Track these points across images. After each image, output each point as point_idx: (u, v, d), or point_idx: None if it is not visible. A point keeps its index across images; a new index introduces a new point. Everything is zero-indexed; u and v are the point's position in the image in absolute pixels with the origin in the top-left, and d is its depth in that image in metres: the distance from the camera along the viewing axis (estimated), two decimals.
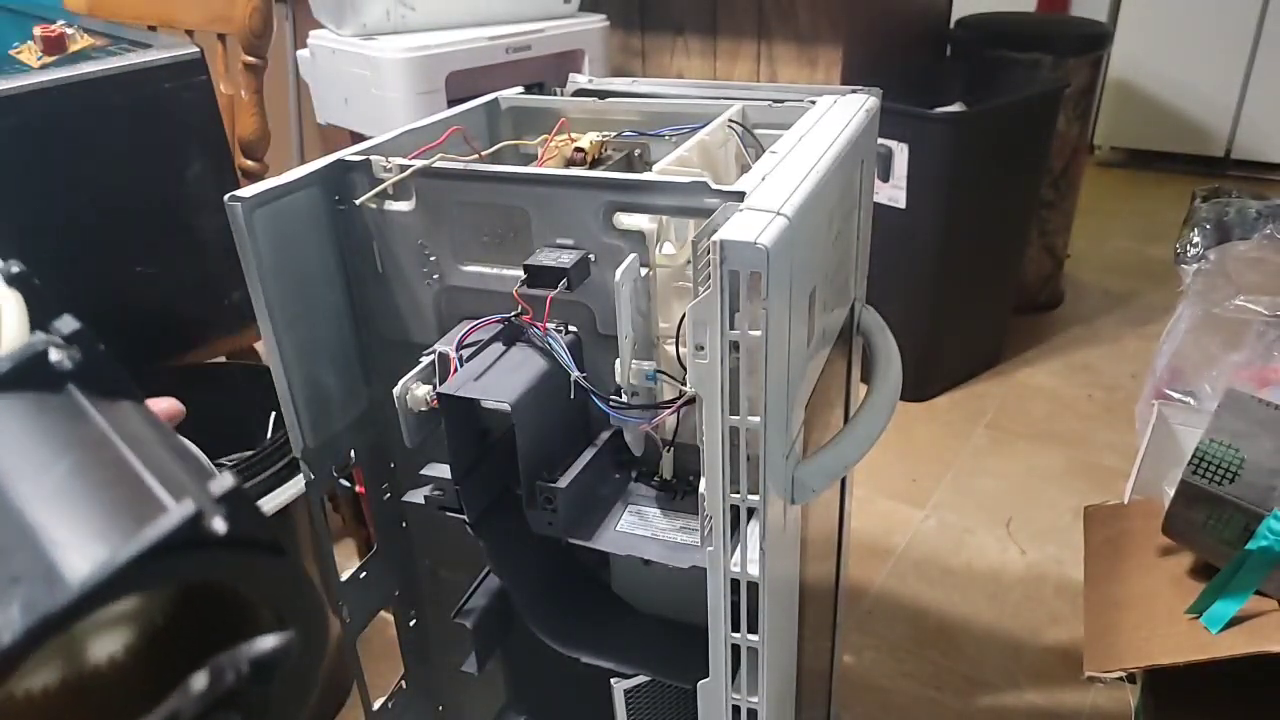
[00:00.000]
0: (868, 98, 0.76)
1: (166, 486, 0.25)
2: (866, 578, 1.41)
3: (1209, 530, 0.89)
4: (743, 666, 0.59)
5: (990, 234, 1.83)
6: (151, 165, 1.15)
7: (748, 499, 0.54)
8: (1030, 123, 1.80)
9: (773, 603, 0.58)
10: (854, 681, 1.24)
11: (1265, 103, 2.85)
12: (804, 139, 0.65)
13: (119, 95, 1.07)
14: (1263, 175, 2.91)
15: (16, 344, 0.31)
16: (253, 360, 1.34)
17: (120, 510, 0.24)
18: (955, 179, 1.68)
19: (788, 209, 0.51)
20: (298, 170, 0.64)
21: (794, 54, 1.71)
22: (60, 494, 0.25)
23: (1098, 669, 0.90)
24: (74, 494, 0.25)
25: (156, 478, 0.25)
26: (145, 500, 0.25)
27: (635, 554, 0.62)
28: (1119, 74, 2.97)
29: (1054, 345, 2.07)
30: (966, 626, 1.32)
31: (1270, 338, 1.15)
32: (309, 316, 0.67)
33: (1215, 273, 1.26)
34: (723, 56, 1.78)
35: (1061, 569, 1.41)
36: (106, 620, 0.26)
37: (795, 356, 0.55)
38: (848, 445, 0.64)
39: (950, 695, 1.22)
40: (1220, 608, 0.85)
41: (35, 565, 0.22)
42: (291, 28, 2.27)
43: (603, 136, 0.75)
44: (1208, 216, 1.39)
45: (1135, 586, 0.97)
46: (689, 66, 1.82)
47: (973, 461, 1.69)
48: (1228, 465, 0.88)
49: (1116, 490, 1.24)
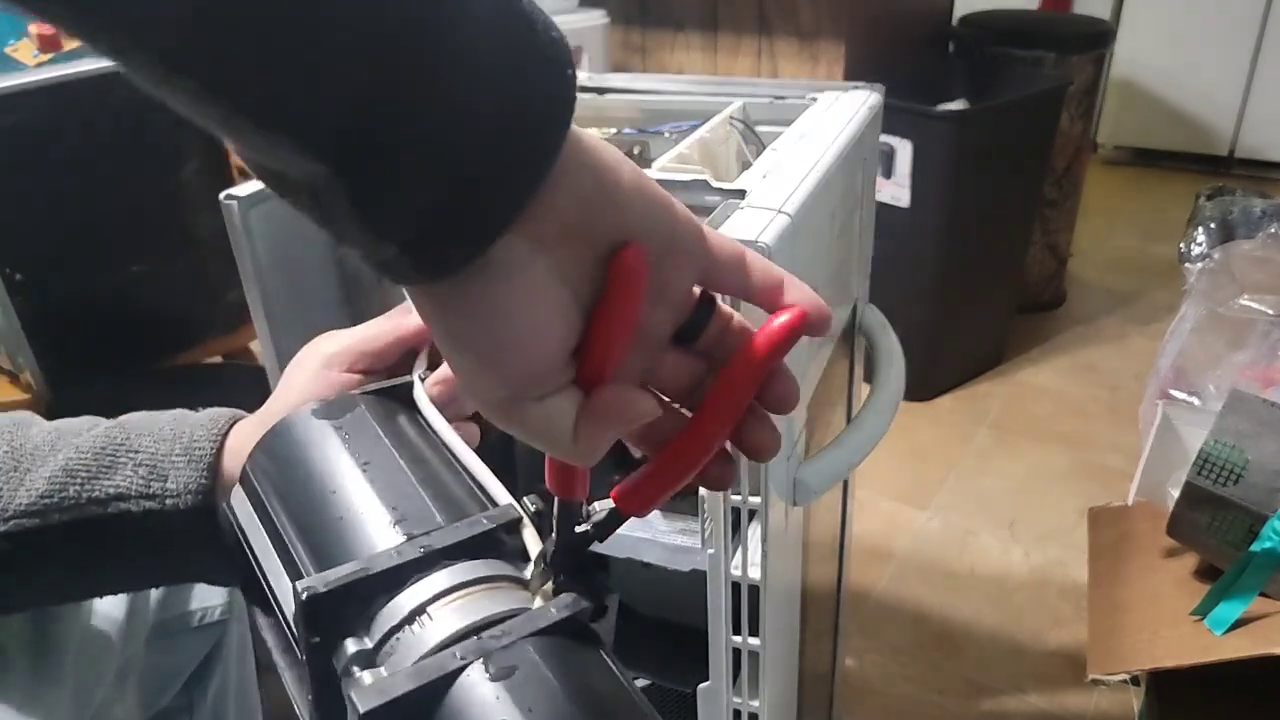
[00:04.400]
0: (870, 94, 0.76)
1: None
2: (869, 580, 1.41)
3: (1213, 532, 0.88)
4: (744, 670, 0.59)
5: (993, 232, 1.83)
6: (147, 164, 1.14)
7: (749, 500, 0.54)
8: (1033, 121, 1.80)
9: (774, 606, 0.57)
10: (856, 685, 1.23)
11: (1269, 101, 2.85)
12: (806, 136, 0.64)
13: (115, 93, 1.06)
14: (1267, 174, 2.90)
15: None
16: (248, 360, 1.34)
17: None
18: (958, 177, 1.67)
19: (789, 207, 0.51)
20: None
21: (795, 50, 1.70)
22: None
23: (1101, 671, 0.89)
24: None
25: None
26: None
27: (635, 557, 0.61)
28: (1122, 72, 2.97)
29: (1057, 345, 2.07)
30: (969, 629, 1.31)
31: (1275, 337, 1.14)
32: (305, 315, 0.66)
33: (1219, 272, 1.25)
34: (723, 52, 1.78)
35: (1065, 571, 1.41)
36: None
37: (797, 356, 0.55)
38: (850, 446, 0.63)
39: (953, 698, 1.21)
40: (1224, 610, 0.84)
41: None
42: None
43: (603, 133, 0.75)
44: (1212, 215, 1.39)
45: (1139, 588, 0.96)
46: (689, 62, 1.82)
47: (976, 462, 1.68)
48: (1232, 466, 0.87)
49: (1120, 491, 1.24)
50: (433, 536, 0.36)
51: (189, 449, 0.44)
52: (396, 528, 0.37)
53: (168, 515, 0.43)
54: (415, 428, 0.43)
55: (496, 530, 0.37)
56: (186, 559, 0.44)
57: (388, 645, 0.34)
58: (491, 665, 0.32)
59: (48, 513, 0.43)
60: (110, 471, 0.43)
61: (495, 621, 0.34)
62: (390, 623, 0.34)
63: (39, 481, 0.43)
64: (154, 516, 0.43)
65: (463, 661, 0.32)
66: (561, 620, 0.33)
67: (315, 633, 0.34)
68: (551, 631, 0.33)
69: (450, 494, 0.39)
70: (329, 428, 0.42)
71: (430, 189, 0.25)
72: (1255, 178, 2.86)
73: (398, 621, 0.34)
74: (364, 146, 0.24)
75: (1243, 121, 2.91)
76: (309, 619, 0.34)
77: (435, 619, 0.34)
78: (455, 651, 0.32)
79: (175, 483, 0.43)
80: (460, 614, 0.34)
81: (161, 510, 0.43)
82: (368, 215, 0.25)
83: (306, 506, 0.39)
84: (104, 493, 0.43)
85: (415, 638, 0.34)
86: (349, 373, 0.46)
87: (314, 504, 0.39)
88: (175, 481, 0.43)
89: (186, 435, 0.44)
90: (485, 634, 0.33)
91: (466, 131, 0.25)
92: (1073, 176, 2.08)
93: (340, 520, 0.38)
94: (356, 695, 0.30)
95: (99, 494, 0.43)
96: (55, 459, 0.44)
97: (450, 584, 0.35)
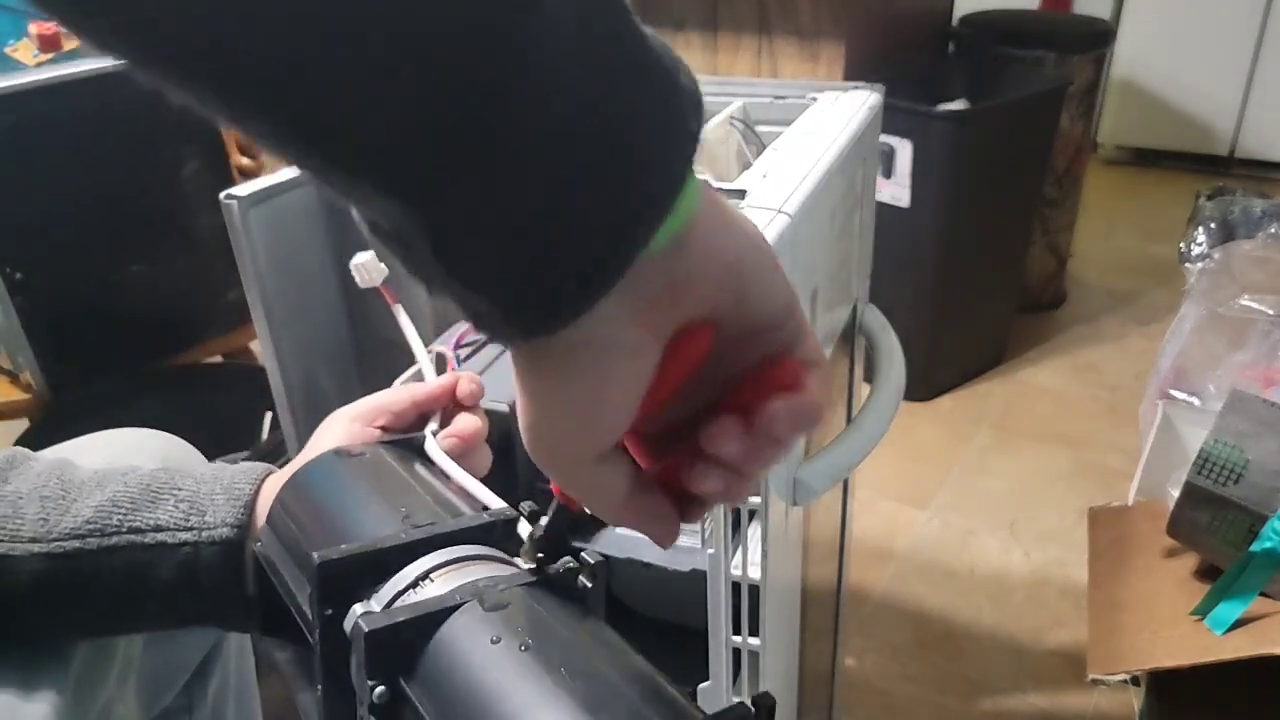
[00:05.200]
0: (870, 94, 0.76)
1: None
2: (869, 580, 1.41)
3: (1213, 532, 0.88)
4: (744, 670, 0.59)
5: (993, 232, 1.83)
6: (147, 163, 1.14)
7: (749, 500, 0.54)
8: (1033, 120, 1.80)
9: (774, 605, 0.57)
10: (856, 684, 1.23)
11: (1270, 101, 2.84)
12: (806, 136, 0.64)
13: (115, 93, 1.06)
14: (1267, 174, 2.90)
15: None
16: (249, 360, 1.34)
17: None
18: (958, 177, 1.67)
19: (789, 207, 0.51)
20: (294, 168, 0.63)
21: (796, 49, 1.70)
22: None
23: (1101, 671, 0.89)
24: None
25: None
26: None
27: (635, 557, 0.61)
28: (1122, 72, 2.97)
29: (1057, 345, 2.07)
30: (969, 629, 1.31)
31: (1275, 337, 1.14)
32: (305, 315, 0.66)
33: (1219, 272, 1.25)
34: (724, 51, 1.78)
35: (1065, 571, 1.41)
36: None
37: None
38: (850, 446, 0.63)
39: (953, 698, 1.21)
40: (1225, 610, 0.84)
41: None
42: None
43: None
44: (1212, 215, 1.39)
45: (1139, 588, 0.96)
46: (689, 61, 1.78)
47: (976, 462, 1.68)
48: (1232, 466, 0.87)
49: (1120, 491, 1.24)
50: (435, 526, 0.39)
51: (229, 488, 0.47)
52: (404, 522, 0.40)
53: (202, 550, 0.45)
54: (427, 468, 0.47)
55: (494, 524, 0.40)
56: (211, 599, 0.46)
57: (393, 607, 0.36)
58: (486, 601, 0.34)
59: (89, 537, 0.45)
60: (153, 505, 0.46)
61: (493, 584, 0.36)
62: (395, 590, 0.36)
63: (85, 510, 0.46)
64: (189, 550, 0.45)
65: (460, 600, 0.34)
66: (552, 576, 0.36)
67: (328, 603, 0.36)
68: (542, 585, 0.35)
69: (455, 505, 0.43)
70: (349, 463, 0.46)
71: (516, 241, 0.23)
72: (1255, 178, 2.85)
73: (402, 587, 0.36)
74: (445, 186, 0.22)
75: (1243, 121, 2.91)
76: (324, 586, 0.36)
77: (436, 581, 0.37)
78: (455, 593, 0.35)
79: (213, 516, 0.46)
80: (459, 577, 0.37)
81: (197, 544, 0.45)
82: (453, 265, 0.24)
83: (329, 528, 0.42)
84: (145, 524, 0.45)
85: (419, 596, 0.36)
86: (371, 427, 0.50)
87: (335, 523, 0.42)
88: (213, 515, 0.46)
89: (226, 477, 0.47)
90: (480, 583, 0.35)
91: (557, 181, 0.22)
92: (1073, 176, 2.07)
93: (358, 529, 0.41)
94: (362, 619, 0.33)
95: (140, 524, 0.45)
96: (102, 492, 0.46)
97: (450, 558, 0.38)
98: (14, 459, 0.49)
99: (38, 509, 0.46)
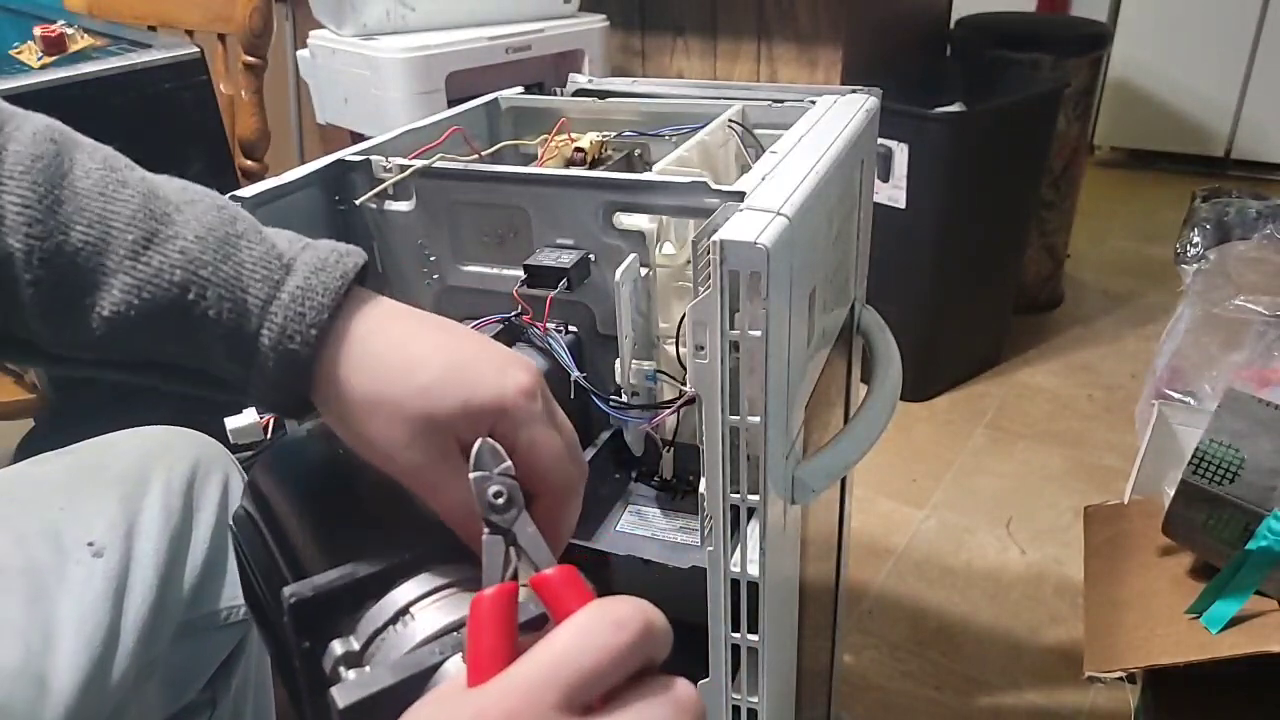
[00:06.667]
0: (868, 98, 0.76)
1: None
2: (867, 577, 1.41)
3: (1209, 530, 0.89)
4: (743, 666, 0.59)
5: (990, 234, 1.83)
6: (151, 165, 1.14)
7: (748, 499, 0.54)
8: (1030, 123, 1.80)
9: (773, 603, 0.58)
10: (854, 681, 1.24)
11: (1265, 103, 2.85)
12: (804, 139, 0.64)
13: (119, 95, 1.07)
14: (1263, 175, 2.91)
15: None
16: None
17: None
18: (955, 179, 1.68)
19: (788, 209, 0.51)
20: (298, 170, 0.64)
21: (794, 54, 1.71)
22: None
23: (1098, 669, 0.90)
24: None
25: None
26: None
27: (635, 554, 0.62)
28: (1119, 74, 2.97)
29: (1054, 345, 2.07)
30: (966, 626, 1.32)
31: (1270, 338, 1.15)
32: None
33: (1215, 273, 1.26)
34: (723, 57, 1.78)
35: (1061, 569, 1.41)
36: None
37: (795, 356, 0.55)
38: (848, 445, 0.64)
39: (950, 695, 1.22)
40: (1220, 608, 0.85)
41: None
42: (291, 28, 2.27)
43: (603, 136, 0.75)
44: (1208, 216, 1.39)
45: (1135, 586, 0.97)
46: (689, 67, 1.82)
47: (973, 461, 1.69)
48: (1228, 465, 0.88)
49: (1116, 490, 1.24)
50: (417, 546, 0.37)
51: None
52: (384, 539, 0.38)
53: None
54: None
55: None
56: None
57: (373, 645, 0.35)
58: (465, 658, 0.32)
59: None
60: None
61: None
62: (375, 625, 0.35)
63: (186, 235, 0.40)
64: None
65: (441, 656, 0.32)
66: (538, 616, 0.34)
67: (305, 637, 0.35)
68: (528, 627, 0.33)
69: (433, 518, 0.40)
70: (328, 450, 0.43)
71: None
72: (1251, 179, 2.86)
73: (382, 623, 0.35)
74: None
75: (1239, 123, 2.92)
76: (298, 624, 0.34)
77: (418, 618, 0.35)
78: (434, 647, 0.33)
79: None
80: (442, 612, 0.35)
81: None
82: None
83: (303, 536, 0.40)
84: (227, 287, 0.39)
85: (399, 636, 0.35)
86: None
87: (310, 531, 0.40)
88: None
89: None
90: (464, 629, 0.33)
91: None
92: (1070, 178, 2.08)
93: (333, 533, 0.39)
94: (336, 692, 0.31)
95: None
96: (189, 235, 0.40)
97: (432, 585, 0.36)
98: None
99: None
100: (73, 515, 0.59)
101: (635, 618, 0.29)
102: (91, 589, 0.55)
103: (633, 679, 0.30)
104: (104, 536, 0.58)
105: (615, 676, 0.29)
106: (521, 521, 0.36)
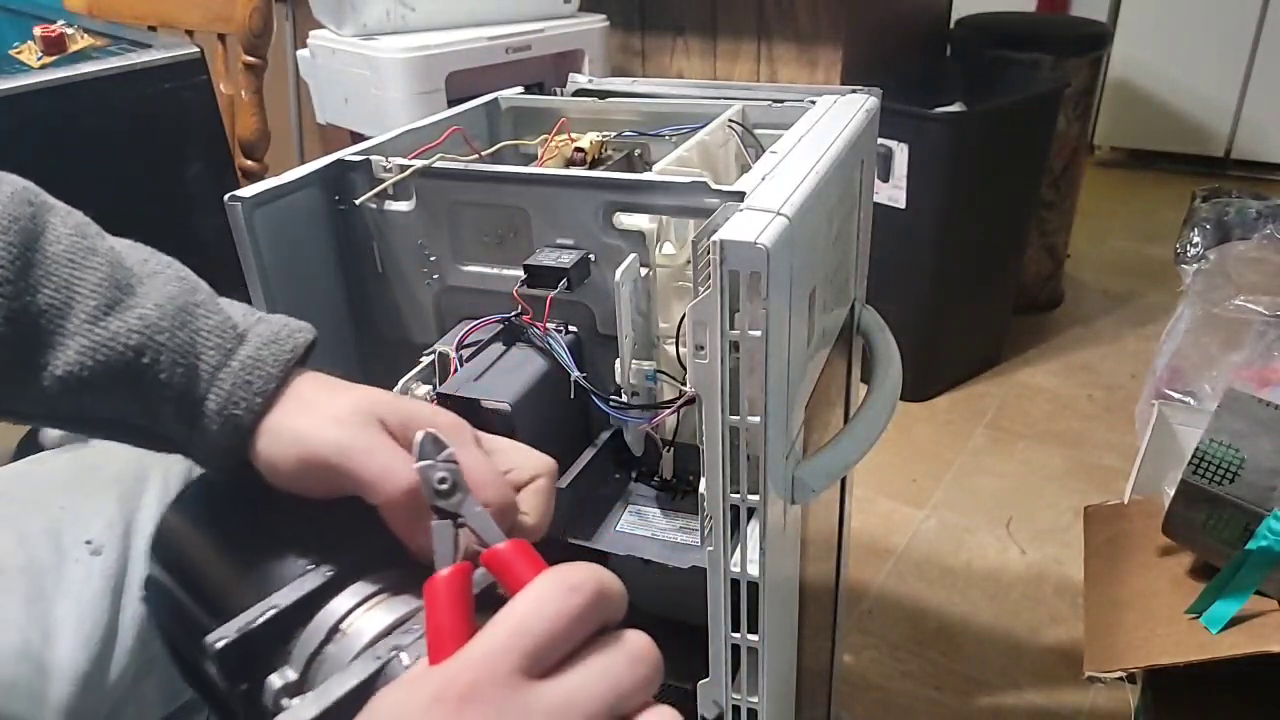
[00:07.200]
0: (868, 98, 0.76)
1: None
2: (867, 577, 1.41)
3: (1209, 530, 0.89)
4: (743, 666, 0.59)
5: (990, 234, 1.83)
6: (151, 165, 1.15)
7: (748, 499, 0.54)
8: (1030, 123, 1.80)
9: (773, 602, 0.58)
10: (854, 681, 1.24)
11: (1265, 103, 2.85)
12: (804, 139, 0.64)
13: (119, 95, 1.07)
14: (1263, 175, 2.91)
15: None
16: None
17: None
18: (955, 179, 1.68)
19: (788, 209, 0.51)
20: (298, 170, 0.64)
21: (794, 54, 1.71)
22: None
23: (1098, 669, 0.90)
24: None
25: None
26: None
27: (635, 554, 0.62)
28: (1119, 74, 2.97)
29: (1054, 345, 2.07)
30: (966, 626, 1.32)
31: (1270, 338, 1.15)
32: (308, 317, 0.66)
33: (1215, 273, 1.26)
34: (723, 57, 1.78)
35: (1061, 569, 1.41)
36: None
37: (795, 356, 0.55)
38: (848, 445, 0.64)
39: (950, 695, 1.22)
40: (1220, 608, 0.85)
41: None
42: (291, 28, 2.28)
43: (603, 136, 0.75)
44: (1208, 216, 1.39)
45: (1135, 586, 0.97)
46: (689, 67, 1.82)
47: (973, 461, 1.69)
48: (1228, 465, 0.88)
49: (1116, 490, 1.24)
50: (338, 559, 0.37)
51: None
52: (303, 563, 0.37)
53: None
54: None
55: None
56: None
57: (312, 669, 0.34)
58: (408, 655, 0.32)
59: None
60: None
61: (410, 617, 0.34)
62: (310, 648, 0.34)
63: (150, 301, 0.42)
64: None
65: (379, 661, 0.32)
66: (488, 588, 0.33)
67: (240, 681, 0.34)
68: (481, 601, 0.33)
69: (351, 532, 0.39)
70: (234, 490, 0.42)
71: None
72: (1251, 178, 2.86)
73: (317, 645, 0.34)
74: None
75: (1239, 123, 2.92)
76: (227, 669, 0.33)
77: (351, 631, 0.35)
78: (372, 653, 0.33)
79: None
80: (377, 618, 0.35)
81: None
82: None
83: (220, 568, 0.39)
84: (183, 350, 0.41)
85: (337, 652, 0.34)
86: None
87: (227, 563, 0.39)
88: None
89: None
90: (399, 629, 0.34)
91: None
92: (1070, 178, 2.08)
93: (249, 569, 0.38)
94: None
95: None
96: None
97: (361, 596, 0.36)
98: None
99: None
100: (72, 514, 0.59)
101: (588, 581, 0.31)
102: (90, 588, 0.56)
103: (589, 640, 0.31)
104: (102, 535, 0.58)
105: (573, 640, 0.30)
106: (468, 503, 0.36)
